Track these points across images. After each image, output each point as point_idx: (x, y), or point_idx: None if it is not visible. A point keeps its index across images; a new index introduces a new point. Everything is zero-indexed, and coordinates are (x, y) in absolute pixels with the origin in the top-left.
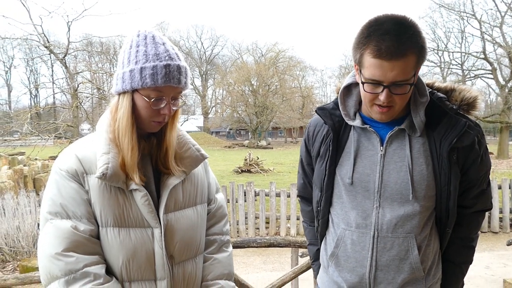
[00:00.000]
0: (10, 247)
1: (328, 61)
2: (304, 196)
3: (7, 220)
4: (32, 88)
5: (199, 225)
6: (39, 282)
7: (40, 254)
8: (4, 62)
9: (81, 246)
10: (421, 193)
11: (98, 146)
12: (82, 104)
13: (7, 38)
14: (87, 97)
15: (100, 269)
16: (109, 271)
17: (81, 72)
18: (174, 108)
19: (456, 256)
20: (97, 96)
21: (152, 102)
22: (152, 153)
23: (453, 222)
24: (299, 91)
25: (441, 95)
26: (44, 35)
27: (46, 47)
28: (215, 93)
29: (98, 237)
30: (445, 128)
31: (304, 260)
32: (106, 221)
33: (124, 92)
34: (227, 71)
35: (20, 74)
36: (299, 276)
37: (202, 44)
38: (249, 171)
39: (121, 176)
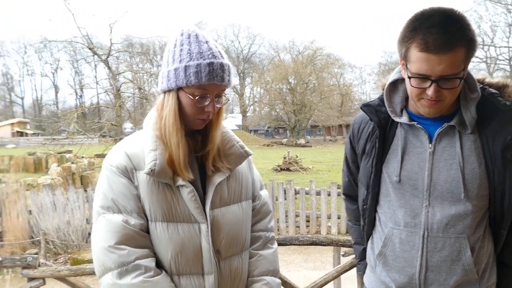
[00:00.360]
0: (62, 241)
1: (367, 58)
2: (349, 194)
3: (58, 215)
4: (78, 89)
5: (244, 221)
6: (90, 274)
7: (94, 247)
8: (51, 64)
9: (132, 239)
10: (473, 192)
11: (145, 143)
12: (124, 103)
13: (53, 41)
14: (129, 97)
15: (150, 262)
16: (159, 265)
17: (123, 72)
18: (218, 106)
19: (511, 259)
20: (138, 95)
21: (197, 100)
22: (197, 150)
23: (508, 224)
24: (338, 89)
25: (493, 90)
26: (88, 38)
27: (90, 48)
28: (252, 91)
29: (147, 231)
30: (498, 125)
31: (346, 260)
32: (155, 216)
33: (169, 90)
34: (264, 69)
35: (66, 75)
36: (341, 276)
37: (239, 43)
38: (288, 169)
39: (168, 173)
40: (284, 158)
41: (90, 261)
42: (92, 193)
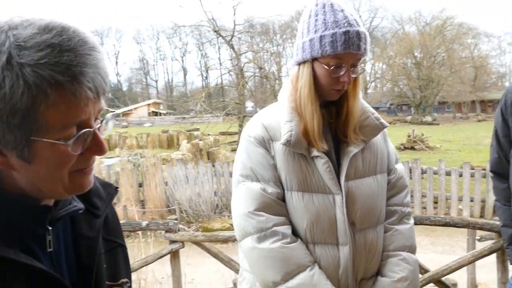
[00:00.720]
0: (193, 210)
1: (507, 26)
2: (498, 172)
3: (190, 187)
4: (203, 71)
5: (379, 194)
6: (222, 241)
7: (234, 212)
8: (180, 49)
9: (269, 207)
10: None
11: (281, 114)
12: (246, 82)
13: (182, 26)
14: (250, 77)
15: (287, 229)
16: (294, 233)
17: (244, 52)
18: (353, 76)
19: None
20: (258, 75)
21: (332, 70)
22: (331, 121)
23: None
24: (471, 61)
25: None
26: (213, 21)
27: (215, 31)
28: (374, 67)
29: (284, 200)
30: None
31: (484, 245)
32: (291, 185)
33: (304, 62)
34: (387, 43)
35: (193, 58)
36: (475, 262)
37: (360, 17)
38: (412, 148)
39: (304, 143)
40: (409, 136)
41: (219, 230)
42: (219, 168)
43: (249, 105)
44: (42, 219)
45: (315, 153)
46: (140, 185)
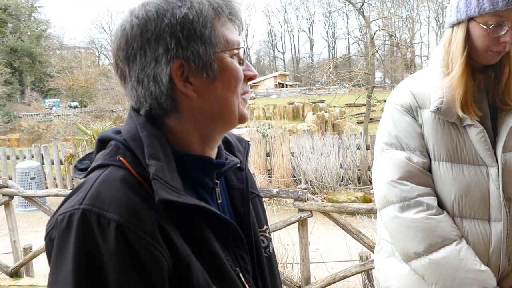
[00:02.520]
0: (318, 181)
1: None
2: None
3: (316, 158)
4: (330, 41)
5: None
6: (350, 213)
7: (376, 180)
8: (307, 19)
9: (414, 176)
10: None
11: (431, 80)
12: (377, 51)
13: None
14: (379, 45)
15: (432, 200)
16: (440, 205)
17: (375, 19)
18: None
19: None
20: (388, 43)
21: (491, 30)
22: (488, 87)
23: None
24: None
25: None
26: None
27: None
28: None
29: (429, 170)
30: None
31: None
32: (439, 155)
33: (458, 23)
34: None
35: (319, 29)
36: None
37: None
38: None
39: (455, 111)
40: None
41: (344, 202)
42: (346, 140)
43: (377, 75)
44: (212, 173)
45: (468, 121)
46: (268, 154)
